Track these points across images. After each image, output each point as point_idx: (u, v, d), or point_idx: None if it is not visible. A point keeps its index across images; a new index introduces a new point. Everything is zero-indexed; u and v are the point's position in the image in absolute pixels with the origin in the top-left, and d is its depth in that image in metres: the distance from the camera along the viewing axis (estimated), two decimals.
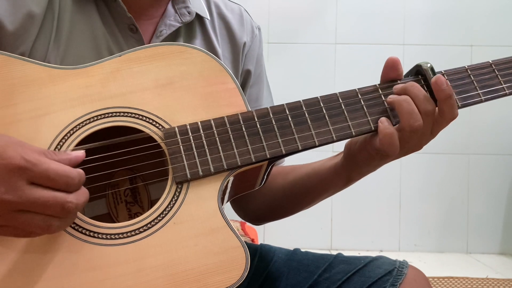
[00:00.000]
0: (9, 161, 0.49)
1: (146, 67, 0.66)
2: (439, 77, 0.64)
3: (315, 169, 0.79)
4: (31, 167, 0.50)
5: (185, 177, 0.61)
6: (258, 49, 0.90)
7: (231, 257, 0.58)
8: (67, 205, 0.51)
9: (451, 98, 0.64)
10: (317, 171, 0.78)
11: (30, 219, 0.51)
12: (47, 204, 0.50)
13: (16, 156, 0.50)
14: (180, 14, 0.79)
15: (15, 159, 0.49)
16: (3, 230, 0.52)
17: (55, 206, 0.51)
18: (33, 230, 0.52)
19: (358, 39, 2.32)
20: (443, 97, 0.64)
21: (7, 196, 0.49)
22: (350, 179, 0.75)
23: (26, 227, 0.52)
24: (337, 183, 0.77)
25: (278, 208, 0.86)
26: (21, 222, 0.51)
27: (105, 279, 0.56)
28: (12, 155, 0.50)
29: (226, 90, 0.66)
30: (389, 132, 0.64)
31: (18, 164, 0.49)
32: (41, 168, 0.50)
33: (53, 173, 0.51)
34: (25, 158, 0.50)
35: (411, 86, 0.65)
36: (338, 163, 0.75)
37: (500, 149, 2.31)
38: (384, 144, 0.64)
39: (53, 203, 0.51)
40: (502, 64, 0.70)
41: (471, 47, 2.30)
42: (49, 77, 0.63)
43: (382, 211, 2.32)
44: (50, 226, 0.52)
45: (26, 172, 0.50)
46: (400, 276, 0.73)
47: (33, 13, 0.70)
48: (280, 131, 0.65)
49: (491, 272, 2.04)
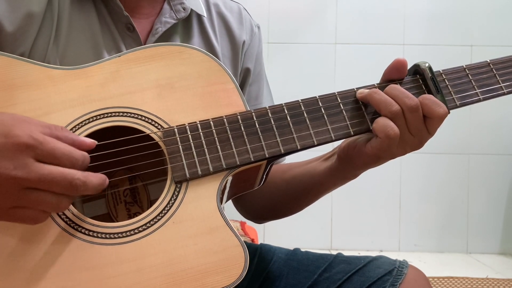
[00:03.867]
0: (16, 139, 0.50)
1: (145, 68, 0.66)
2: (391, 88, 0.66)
3: (310, 172, 0.79)
4: (37, 145, 0.51)
5: (184, 177, 0.61)
6: (257, 47, 0.90)
7: (230, 256, 0.58)
8: (75, 182, 0.52)
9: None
10: (313, 174, 0.78)
11: (40, 197, 0.51)
12: (55, 180, 0.51)
13: (23, 134, 0.50)
14: (175, 10, 0.79)
15: (23, 137, 0.50)
16: (15, 213, 0.52)
17: (63, 182, 0.51)
18: (44, 208, 0.52)
19: (358, 39, 2.32)
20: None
21: (16, 172, 0.49)
22: (345, 179, 0.76)
23: (36, 205, 0.52)
24: (335, 184, 0.77)
25: (278, 207, 0.86)
26: (31, 200, 0.51)
27: (105, 278, 0.56)
28: (19, 133, 0.50)
29: (225, 90, 0.66)
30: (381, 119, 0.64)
31: (25, 142, 0.50)
32: (48, 147, 0.51)
33: (58, 152, 0.52)
34: (32, 136, 0.51)
35: (389, 87, 0.66)
36: (333, 166, 0.75)
37: (500, 149, 2.31)
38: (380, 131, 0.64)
39: (61, 179, 0.51)
40: (500, 63, 0.70)
41: (471, 47, 2.30)
42: (48, 77, 0.63)
43: (382, 211, 2.32)
44: (60, 203, 0.52)
45: (33, 150, 0.50)
46: (400, 276, 0.73)
47: (33, 13, 0.70)
48: (278, 130, 0.65)
49: (491, 272, 2.03)
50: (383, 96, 0.65)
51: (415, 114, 0.64)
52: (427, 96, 0.65)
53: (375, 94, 0.65)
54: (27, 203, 0.52)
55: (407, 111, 0.64)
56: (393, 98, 0.65)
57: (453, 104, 0.68)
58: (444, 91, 0.68)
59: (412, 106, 0.64)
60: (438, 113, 0.65)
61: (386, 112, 0.64)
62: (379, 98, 0.65)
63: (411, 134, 0.65)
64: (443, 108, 0.65)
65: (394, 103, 0.64)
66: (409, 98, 0.64)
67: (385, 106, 0.64)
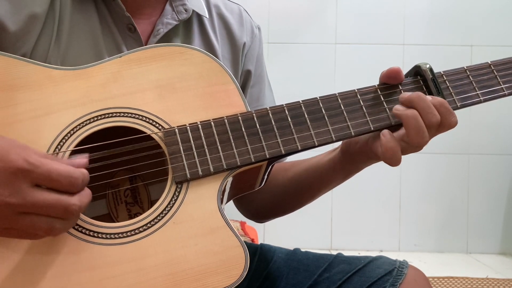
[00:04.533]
0: (11, 164, 0.49)
1: (146, 68, 0.66)
2: None
3: (312, 165, 0.80)
4: (33, 169, 0.50)
5: (185, 177, 0.61)
6: (258, 49, 0.90)
7: (231, 256, 0.58)
8: (71, 208, 0.51)
9: None
10: (315, 166, 0.79)
11: (34, 221, 0.51)
12: (51, 206, 0.50)
13: (19, 159, 0.50)
14: (177, 11, 0.79)
15: (18, 161, 0.49)
16: (7, 233, 0.52)
17: (59, 208, 0.51)
18: (37, 232, 0.52)
19: (358, 39, 2.32)
20: None
21: (11, 199, 0.49)
22: (348, 173, 0.76)
23: (29, 229, 0.52)
24: (336, 177, 0.77)
25: (280, 205, 0.86)
26: (25, 224, 0.51)
27: (105, 278, 0.56)
28: (14, 158, 0.50)
29: (226, 91, 0.66)
30: (392, 146, 0.63)
31: (21, 166, 0.49)
32: (44, 169, 0.50)
33: (55, 173, 0.51)
34: (28, 160, 0.50)
35: (418, 98, 0.63)
36: (335, 158, 0.76)
37: (500, 149, 2.31)
38: (387, 158, 0.64)
39: (57, 205, 0.51)
40: (501, 65, 0.70)
41: (471, 47, 2.31)
42: (49, 77, 0.64)
43: (382, 211, 2.33)
44: (53, 228, 0.52)
45: (29, 174, 0.50)
46: (400, 276, 0.73)
47: (36, 14, 0.70)
48: (279, 131, 0.65)
49: (491, 272, 2.04)
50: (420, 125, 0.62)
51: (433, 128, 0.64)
52: (442, 103, 0.64)
53: (413, 119, 0.63)
54: (20, 227, 0.51)
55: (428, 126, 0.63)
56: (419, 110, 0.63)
57: (454, 105, 0.68)
58: (445, 92, 0.68)
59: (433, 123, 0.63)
60: (451, 123, 0.64)
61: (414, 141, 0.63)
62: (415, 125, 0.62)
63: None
64: (455, 117, 0.64)
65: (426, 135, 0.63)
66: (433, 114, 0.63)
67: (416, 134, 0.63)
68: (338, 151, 0.75)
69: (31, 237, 0.53)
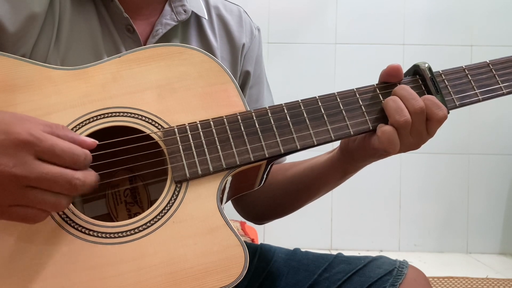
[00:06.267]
0: (16, 136, 0.50)
1: (145, 68, 0.66)
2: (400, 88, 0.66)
3: (311, 165, 0.80)
4: (37, 142, 0.50)
5: (184, 177, 0.62)
6: (257, 50, 0.90)
7: (230, 256, 0.58)
8: (74, 181, 0.52)
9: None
10: (313, 166, 0.79)
11: (39, 195, 0.51)
12: (55, 179, 0.51)
13: (23, 131, 0.50)
14: (176, 12, 0.79)
15: (22, 134, 0.50)
16: (14, 211, 0.52)
17: (63, 181, 0.51)
18: (43, 207, 0.52)
19: (358, 39, 2.32)
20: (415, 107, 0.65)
21: (15, 170, 0.49)
22: (346, 173, 0.76)
23: (36, 204, 0.52)
24: (334, 177, 0.78)
25: (279, 205, 0.86)
26: (30, 199, 0.51)
27: (105, 277, 0.56)
28: (18, 130, 0.50)
29: (225, 90, 0.67)
30: (388, 130, 0.65)
31: (25, 139, 0.50)
32: (47, 144, 0.51)
33: (58, 148, 0.51)
34: (32, 133, 0.50)
35: (399, 87, 0.67)
36: (334, 157, 0.76)
37: (500, 149, 2.31)
38: (384, 143, 0.65)
39: (60, 178, 0.51)
40: (499, 64, 0.70)
41: (471, 47, 2.31)
42: (49, 78, 0.64)
43: (382, 211, 2.33)
44: (59, 203, 0.52)
45: (33, 147, 0.50)
46: (400, 276, 0.73)
47: (35, 15, 0.70)
48: (278, 130, 0.65)
49: (491, 272, 2.04)
50: (397, 104, 0.65)
51: (419, 116, 0.65)
52: (428, 97, 0.66)
53: (390, 100, 0.66)
54: (26, 202, 0.51)
55: (413, 113, 0.64)
56: (401, 98, 0.66)
57: (452, 104, 0.68)
58: (443, 91, 0.68)
59: (417, 109, 0.64)
60: (437, 116, 0.65)
61: (394, 121, 0.65)
62: (391, 105, 0.65)
63: (411, 136, 0.66)
64: (443, 111, 0.65)
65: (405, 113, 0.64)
66: (416, 100, 0.65)
67: (394, 115, 0.65)
68: (337, 150, 0.75)
69: (37, 216, 0.53)
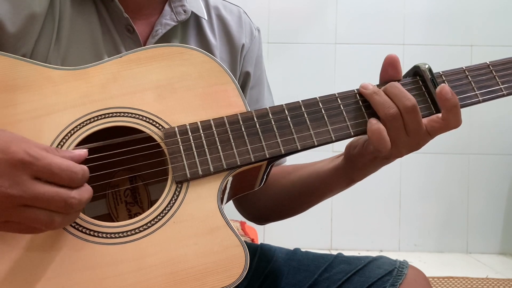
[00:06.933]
0: (12, 155, 0.49)
1: (146, 68, 0.66)
2: (444, 87, 0.64)
3: (317, 171, 0.79)
4: (34, 161, 0.50)
5: (185, 177, 0.62)
6: (257, 50, 0.90)
7: (231, 256, 0.58)
8: (70, 201, 0.51)
9: (456, 107, 0.64)
10: (319, 173, 0.78)
11: (34, 214, 0.51)
12: (50, 199, 0.50)
13: (20, 151, 0.50)
14: (176, 12, 0.79)
15: (19, 153, 0.50)
16: (7, 226, 0.52)
17: (58, 201, 0.51)
18: (36, 225, 0.52)
19: (358, 39, 2.32)
20: (449, 106, 0.64)
21: (11, 191, 0.49)
22: (352, 180, 0.75)
23: (29, 223, 0.51)
24: (340, 184, 0.77)
25: (282, 208, 0.86)
26: (24, 217, 0.51)
27: (105, 277, 0.56)
28: (15, 150, 0.50)
29: (226, 91, 0.67)
30: (376, 128, 0.64)
31: (21, 158, 0.49)
32: (44, 162, 0.50)
33: (56, 167, 0.51)
34: (28, 153, 0.50)
35: (389, 85, 0.66)
36: (339, 165, 0.75)
37: (500, 149, 2.31)
38: (374, 141, 0.64)
39: (56, 198, 0.51)
40: (499, 65, 0.70)
41: (471, 47, 2.31)
42: (50, 78, 0.64)
43: (382, 211, 2.33)
44: (53, 221, 0.52)
45: (30, 167, 0.50)
46: (400, 276, 0.73)
47: (35, 15, 0.70)
48: (279, 131, 0.65)
49: (491, 272, 2.04)
50: (382, 98, 0.65)
51: (412, 115, 0.64)
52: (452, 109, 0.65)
53: (375, 95, 0.65)
54: (20, 219, 0.51)
55: (404, 112, 0.64)
56: (391, 97, 0.65)
57: None
58: None
59: (409, 107, 0.64)
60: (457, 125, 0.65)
61: (383, 114, 0.64)
62: (378, 99, 0.65)
63: (408, 135, 0.65)
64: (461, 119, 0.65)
65: (392, 105, 0.64)
66: (407, 98, 0.64)
67: (382, 108, 0.64)
68: (342, 158, 0.75)
69: (30, 231, 0.53)
